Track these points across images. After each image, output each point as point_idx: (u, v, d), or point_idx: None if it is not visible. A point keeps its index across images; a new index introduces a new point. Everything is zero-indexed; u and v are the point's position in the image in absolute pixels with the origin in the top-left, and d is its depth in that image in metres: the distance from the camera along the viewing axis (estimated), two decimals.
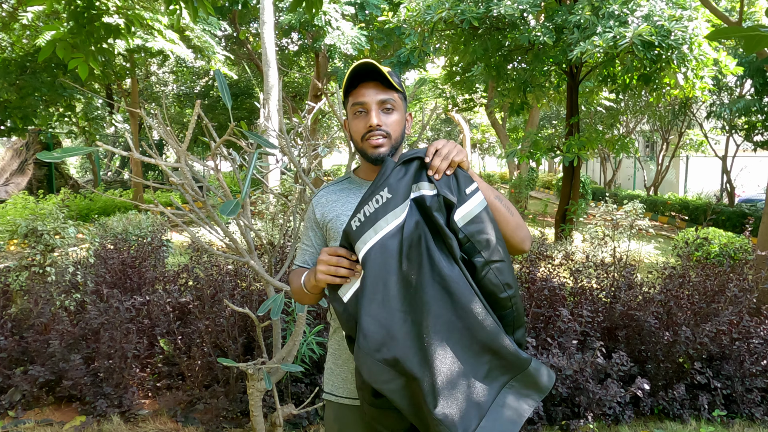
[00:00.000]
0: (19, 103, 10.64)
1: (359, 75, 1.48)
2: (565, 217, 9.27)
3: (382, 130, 1.48)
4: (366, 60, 1.46)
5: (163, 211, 2.04)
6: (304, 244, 1.66)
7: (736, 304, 3.62)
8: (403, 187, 1.35)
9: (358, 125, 1.51)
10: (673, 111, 15.10)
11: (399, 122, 1.52)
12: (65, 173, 16.31)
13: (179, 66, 17.92)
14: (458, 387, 1.29)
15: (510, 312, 1.41)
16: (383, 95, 1.48)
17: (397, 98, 1.52)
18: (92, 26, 3.95)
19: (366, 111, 1.49)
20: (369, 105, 1.48)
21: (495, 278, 1.36)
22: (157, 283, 4.25)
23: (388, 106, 1.49)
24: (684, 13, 6.55)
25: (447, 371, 1.28)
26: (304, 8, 3.59)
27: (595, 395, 3.20)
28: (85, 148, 1.66)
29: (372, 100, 1.48)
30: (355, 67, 1.46)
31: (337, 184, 1.67)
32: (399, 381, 1.29)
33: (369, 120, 1.47)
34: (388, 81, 1.48)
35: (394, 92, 1.51)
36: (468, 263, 1.36)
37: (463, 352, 1.31)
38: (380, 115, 1.48)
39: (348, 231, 1.37)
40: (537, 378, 1.37)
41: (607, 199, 8.19)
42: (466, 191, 1.37)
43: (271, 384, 2.29)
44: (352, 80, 1.49)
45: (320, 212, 1.61)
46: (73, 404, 3.50)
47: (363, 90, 1.49)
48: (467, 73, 10.25)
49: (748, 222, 5.27)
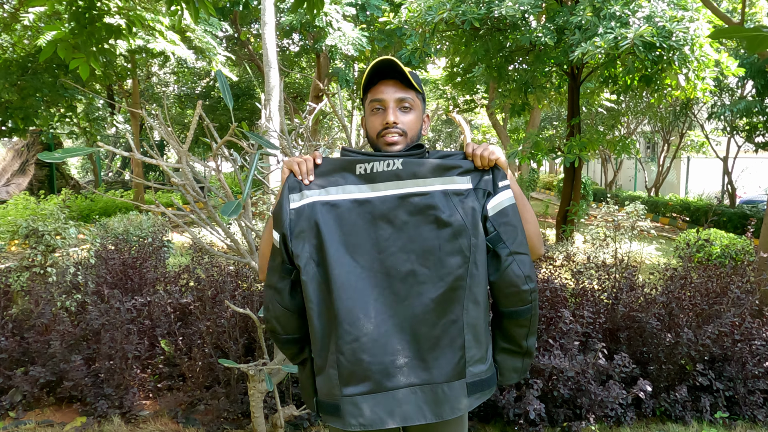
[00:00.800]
0: (20, 103, 10.64)
1: (379, 72, 1.49)
2: (567, 218, 9.26)
3: (398, 128, 1.49)
4: (387, 57, 1.46)
5: (165, 212, 2.03)
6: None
7: (738, 305, 3.60)
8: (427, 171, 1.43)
9: (374, 122, 1.52)
10: (675, 112, 15.08)
11: (415, 121, 1.53)
12: (66, 174, 16.33)
13: (180, 67, 17.92)
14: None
15: (528, 309, 1.44)
16: (401, 93, 1.49)
17: (416, 98, 1.53)
18: (93, 27, 3.95)
19: (384, 108, 1.50)
20: (387, 102, 1.49)
21: (518, 269, 1.41)
22: (158, 283, 4.25)
23: (406, 105, 1.50)
24: (685, 14, 6.54)
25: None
26: (306, 9, 3.58)
27: (597, 397, 3.19)
28: (87, 148, 1.66)
29: (390, 97, 1.49)
30: (376, 64, 1.47)
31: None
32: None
33: (386, 117, 1.48)
34: (407, 80, 1.49)
35: (413, 92, 1.52)
36: (493, 254, 1.42)
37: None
38: (397, 112, 1.50)
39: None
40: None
41: (608, 200, 8.18)
42: (499, 185, 1.45)
43: (272, 385, 2.29)
44: (371, 77, 1.50)
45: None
46: (73, 405, 3.50)
47: (382, 87, 1.50)
48: (468, 74, 10.24)
49: (750, 223, 5.25)
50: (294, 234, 1.39)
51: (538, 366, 3.22)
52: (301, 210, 1.40)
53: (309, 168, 1.44)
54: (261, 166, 2.75)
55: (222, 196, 2.29)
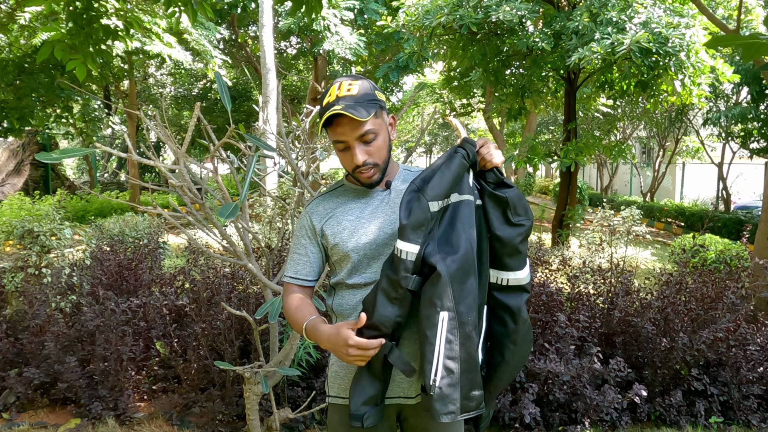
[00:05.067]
0: (16, 103, 10.61)
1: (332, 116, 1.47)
2: (562, 222, 9.27)
3: (369, 164, 1.50)
4: (335, 99, 1.44)
5: (161, 213, 2.03)
6: (296, 253, 1.64)
7: (733, 311, 3.62)
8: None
9: (345, 160, 1.53)
10: (670, 118, 15.14)
11: (382, 145, 1.53)
12: (62, 174, 16.27)
13: (177, 68, 17.92)
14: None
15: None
16: (359, 130, 1.46)
17: (374, 122, 1.49)
18: (91, 28, 3.94)
19: (348, 147, 1.50)
20: (349, 142, 1.48)
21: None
22: (154, 285, 4.23)
23: (369, 137, 1.48)
24: (681, 21, 6.58)
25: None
26: (304, 12, 3.59)
27: (593, 401, 3.19)
28: (83, 149, 1.66)
29: (350, 137, 1.47)
30: (325, 114, 1.44)
31: (331, 191, 1.66)
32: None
33: (354, 159, 1.49)
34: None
35: (371, 119, 1.47)
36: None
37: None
38: (362, 147, 1.49)
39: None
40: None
41: (604, 204, 8.20)
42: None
43: (267, 388, 2.28)
44: (325, 121, 1.48)
45: (318, 220, 1.61)
46: (67, 407, 3.48)
47: (339, 128, 1.47)
48: (465, 78, 10.26)
49: (745, 229, 5.29)
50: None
51: (534, 370, 3.22)
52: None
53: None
54: (258, 168, 2.75)
55: (219, 198, 2.29)
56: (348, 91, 1.46)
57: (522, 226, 1.49)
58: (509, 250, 1.49)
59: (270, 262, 2.73)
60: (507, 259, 1.50)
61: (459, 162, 1.44)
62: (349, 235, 1.56)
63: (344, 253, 1.56)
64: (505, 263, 1.50)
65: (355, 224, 1.57)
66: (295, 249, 1.65)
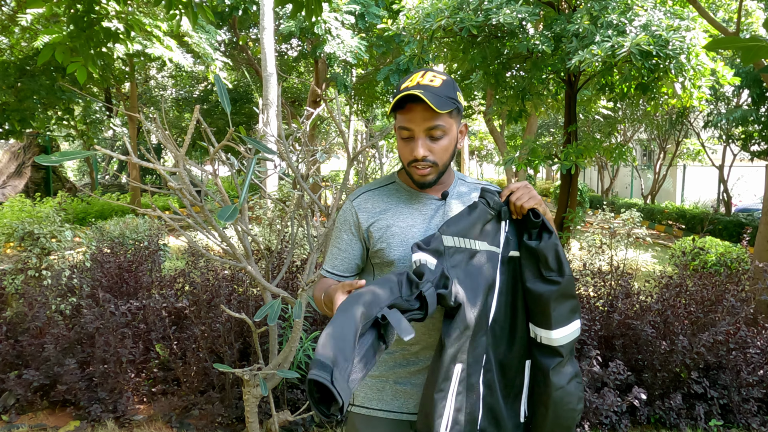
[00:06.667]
0: (17, 105, 10.63)
1: (408, 97, 1.38)
2: (563, 225, 9.27)
3: (428, 161, 1.42)
4: (416, 83, 1.37)
5: (161, 216, 2.03)
6: (335, 247, 1.56)
7: (733, 314, 3.61)
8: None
9: (404, 150, 1.45)
10: (671, 120, 15.15)
11: (447, 147, 1.44)
12: (63, 176, 16.27)
13: (178, 71, 17.94)
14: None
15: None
16: (431, 122, 1.39)
17: (447, 120, 1.41)
18: (92, 30, 3.95)
19: (412, 137, 1.42)
20: (415, 132, 1.41)
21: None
22: (154, 287, 4.23)
23: (437, 134, 1.41)
24: (682, 24, 6.58)
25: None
26: (305, 15, 3.60)
27: (592, 404, 3.19)
28: (84, 151, 1.66)
29: (419, 128, 1.40)
30: (404, 91, 1.37)
31: (381, 187, 1.56)
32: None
33: (415, 151, 1.41)
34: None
35: (445, 114, 1.40)
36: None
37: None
38: (427, 142, 1.41)
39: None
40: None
41: (604, 207, 8.20)
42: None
43: (267, 390, 2.28)
44: (400, 100, 1.39)
45: (365, 218, 1.51)
46: (67, 409, 3.48)
47: (410, 114, 1.39)
48: (466, 80, 10.27)
49: (745, 231, 5.28)
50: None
51: None
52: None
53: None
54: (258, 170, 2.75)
55: (219, 201, 2.29)
56: (431, 82, 1.38)
57: (554, 284, 1.39)
58: (540, 307, 1.42)
59: (269, 265, 2.73)
60: (538, 315, 1.43)
61: (480, 209, 1.41)
62: (398, 243, 1.47)
63: (388, 261, 1.48)
64: (536, 319, 1.45)
65: (406, 232, 1.48)
66: (335, 243, 1.57)
